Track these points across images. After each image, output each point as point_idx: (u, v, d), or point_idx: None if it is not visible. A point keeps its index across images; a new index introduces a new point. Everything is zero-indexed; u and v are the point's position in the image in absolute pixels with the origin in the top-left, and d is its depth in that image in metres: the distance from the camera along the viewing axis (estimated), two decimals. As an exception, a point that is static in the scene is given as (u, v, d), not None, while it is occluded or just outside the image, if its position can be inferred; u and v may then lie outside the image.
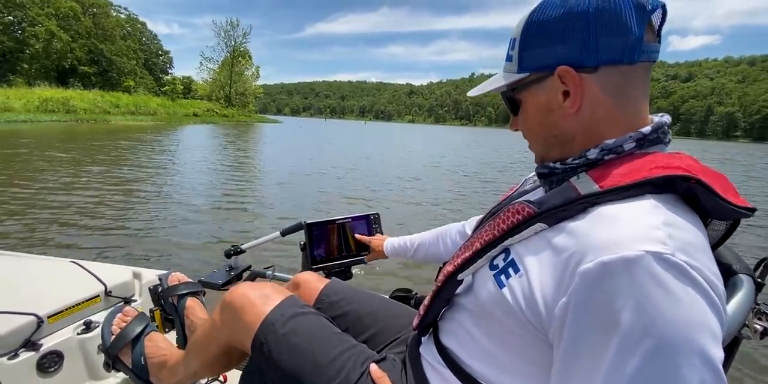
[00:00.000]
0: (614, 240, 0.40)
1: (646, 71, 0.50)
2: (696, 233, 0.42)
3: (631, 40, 0.46)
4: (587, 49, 0.47)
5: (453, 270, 0.58)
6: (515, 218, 0.50)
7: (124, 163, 8.47)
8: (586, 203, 0.45)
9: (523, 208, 0.50)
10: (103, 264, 1.45)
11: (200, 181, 6.91)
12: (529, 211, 0.49)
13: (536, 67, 0.52)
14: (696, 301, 0.37)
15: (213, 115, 40.37)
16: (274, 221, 4.65)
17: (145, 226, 4.14)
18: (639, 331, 0.37)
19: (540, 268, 0.46)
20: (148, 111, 31.48)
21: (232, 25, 49.91)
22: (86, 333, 1.15)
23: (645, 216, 0.42)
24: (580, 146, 0.52)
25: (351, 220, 1.27)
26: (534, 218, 0.49)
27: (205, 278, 1.46)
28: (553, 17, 0.49)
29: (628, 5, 0.46)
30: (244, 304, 0.75)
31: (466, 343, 0.58)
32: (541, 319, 0.45)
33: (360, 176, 8.59)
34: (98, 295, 1.23)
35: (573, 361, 0.41)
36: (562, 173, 0.53)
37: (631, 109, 0.50)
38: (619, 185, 0.44)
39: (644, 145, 0.50)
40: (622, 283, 0.38)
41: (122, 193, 5.57)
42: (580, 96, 0.49)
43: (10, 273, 1.31)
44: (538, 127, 0.56)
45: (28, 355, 1.02)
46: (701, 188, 0.44)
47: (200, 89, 47.68)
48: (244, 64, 50.84)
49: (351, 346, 0.72)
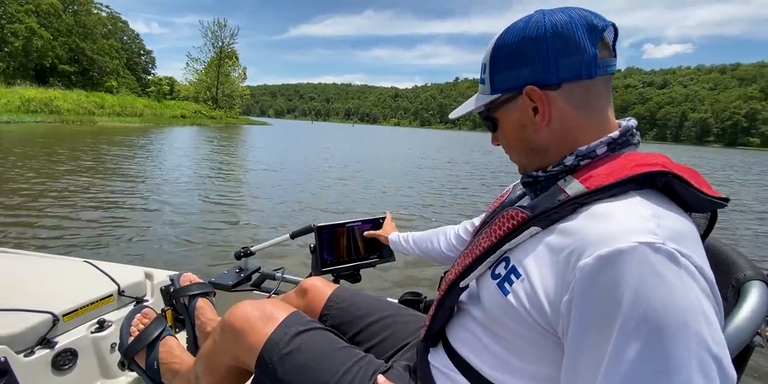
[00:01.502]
0: (608, 234, 0.42)
1: (606, 83, 0.54)
2: (683, 222, 0.45)
3: (587, 58, 0.51)
4: (548, 70, 0.52)
5: (454, 278, 0.60)
6: (510, 224, 0.53)
7: (129, 165, 8.23)
8: (576, 204, 0.48)
9: (516, 214, 0.53)
10: (115, 264, 1.45)
11: (208, 184, 6.84)
12: (522, 216, 0.52)
13: (506, 88, 0.57)
14: (689, 286, 0.39)
15: (201, 116, 39.39)
16: (283, 223, 4.65)
17: (154, 227, 4.12)
18: (636, 318, 0.38)
19: (540, 270, 0.48)
20: (134, 112, 30.49)
21: (220, 25, 49.03)
22: (100, 332, 1.16)
23: (634, 210, 0.44)
24: (556, 155, 0.56)
25: (360, 224, 1.28)
26: (528, 222, 0.51)
27: (216, 279, 1.48)
28: (515, 43, 0.54)
29: (579, 28, 0.51)
30: (244, 328, 0.74)
31: (475, 349, 0.59)
32: (547, 318, 0.47)
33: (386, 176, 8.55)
34: (111, 295, 1.24)
35: (579, 353, 0.43)
36: (545, 180, 0.57)
37: (597, 117, 0.54)
38: (604, 184, 0.47)
39: (615, 148, 0.54)
40: (618, 274, 0.40)
41: (131, 195, 5.53)
42: (547, 111, 0.54)
43: (26, 272, 1.31)
44: (515, 141, 0.60)
45: (43, 352, 1.03)
46: (678, 181, 0.47)
47: (183, 90, 46.54)
48: (231, 65, 50.06)
49: (358, 359, 0.71)
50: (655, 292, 0.38)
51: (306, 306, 0.96)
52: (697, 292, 0.40)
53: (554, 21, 0.52)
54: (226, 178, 7.63)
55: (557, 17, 0.53)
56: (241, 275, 1.52)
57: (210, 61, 48.60)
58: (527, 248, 0.51)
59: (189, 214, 4.77)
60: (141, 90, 41.60)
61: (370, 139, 34.43)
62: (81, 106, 25.79)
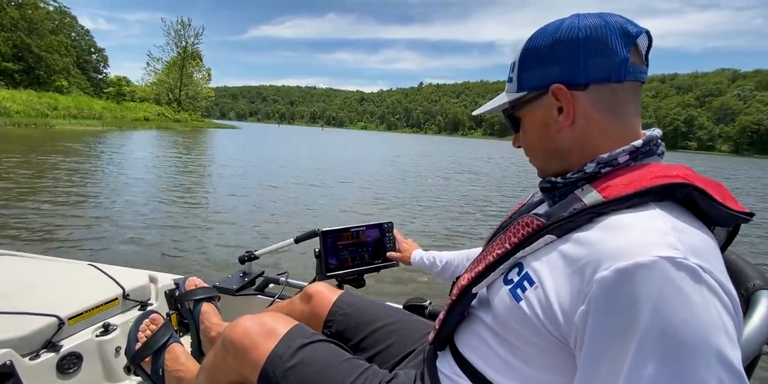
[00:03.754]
0: (627, 247, 0.41)
1: (635, 90, 0.53)
2: (704, 237, 0.44)
3: (617, 61, 0.51)
4: (577, 69, 0.52)
5: (467, 283, 0.59)
6: (525, 231, 0.53)
7: (123, 167, 7.74)
8: (593, 213, 0.47)
9: (532, 221, 0.52)
10: (120, 267, 1.44)
11: (203, 188, 6.78)
12: (537, 223, 0.51)
13: (533, 86, 0.57)
14: (710, 302, 0.38)
15: (165, 119, 37.21)
16: (287, 227, 4.66)
17: (156, 231, 4.10)
18: (656, 334, 0.38)
19: (554, 279, 0.47)
20: (92, 114, 28.17)
21: (183, 24, 46.67)
22: (105, 335, 1.16)
23: (653, 223, 0.43)
24: (577, 159, 0.55)
25: (365, 229, 1.27)
26: (543, 230, 0.50)
27: (220, 283, 1.47)
28: (547, 43, 0.54)
29: (614, 32, 0.51)
30: (245, 345, 0.73)
31: (484, 355, 0.58)
32: (560, 328, 0.46)
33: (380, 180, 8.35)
34: (116, 298, 1.24)
35: (595, 366, 0.42)
36: (564, 187, 0.56)
37: (622, 123, 0.53)
38: (622, 195, 0.46)
39: (638, 157, 0.52)
40: (638, 288, 0.39)
41: (132, 196, 5.52)
42: (572, 111, 0.53)
43: (31, 275, 1.30)
44: (537, 141, 0.59)
45: (48, 355, 1.02)
46: (699, 194, 0.45)
47: (139, 91, 43.75)
48: (195, 66, 47.77)
49: (363, 371, 0.71)
50: (675, 308, 0.37)
51: (311, 312, 0.95)
52: (719, 309, 0.39)
53: (588, 24, 0.52)
54: (227, 183, 7.28)
55: (591, 21, 0.52)
56: (245, 279, 1.51)
57: (172, 61, 46.13)
58: (541, 256, 0.50)
59: (191, 217, 4.76)
60: (93, 90, 38.63)
61: (350, 143, 34.02)
62: (32, 108, 23.44)
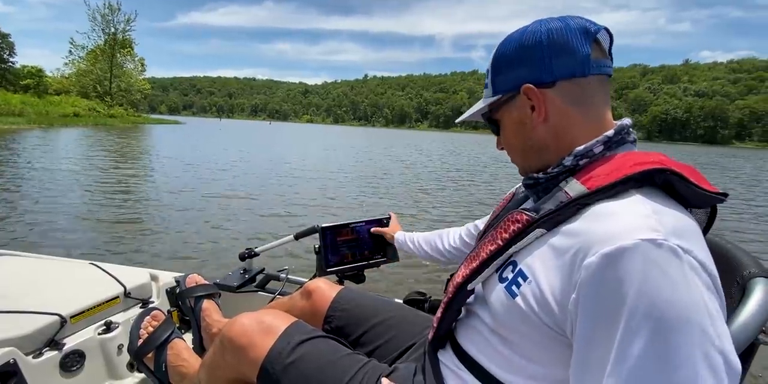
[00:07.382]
0: (612, 233, 0.43)
1: (602, 83, 0.57)
2: (684, 218, 0.46)
3: (580, 58, 0.54)
4: (544, 69, 0.56)
5: (462, 280, 0.62)
6: (515, 226, 0.55)
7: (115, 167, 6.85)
8: (579, 205, 0.49)
9: (521, 217, 0.54)
10: (120, 266, 1.46)
11: (192, 183, 6.75)
12: (527, 218, 0.54)
13: (506, 88, 0.61)
14: (692, 282, 0.40)
15: (98, 115, 33.38)
16: (288, 224, 4.70)
17: (158, 229, 4.13)
18: (640, 314, 0.39)
19: (546, 271, 0.49)
20: (10, 111, 24.49)
21: (112, 9, 42.00)
22: (107, 333, 1.18)
23: (635, 208, 0.45)
24: (555, 154, 0.58)
25: (364, 224, 1.31)
26: (533, 224, 0.53)
27: (220, 281, 1.49)
28: (514, 48, 0.59)
29: (574, 32, 0.55)
30: (243, 343, 0.74)
31: (484, 349, 0.61)
32: (556, 318, 0.48)
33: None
34: (118, 296, 1.26)
35: (587, 350, 0.44)
36: (546, 182, 0.59)
37: (592, 114, 0.57)
38: (605, 184, 0.49)
39: (611, 146, 0.56)
40: (622, 271, 0.41)
41: (132, 195, 5.52)
42: (544, 107, 0.57)
43: (32, 274, 1.33)
44: (515, 139, 0.63)
45: (51, 354, 1.05)
46: (676, 178, 0.48)
47: (55, 83, 38.86)
48: (125, 54, 43.30)
49: (362, 365, 0.72)
50: (657, 287, 0.39)
51: (311, 308, 0.96)
52: (700, 287, 0.41)
53: (550, 27, 0.56)
54: (228, 183, 7.10)
55: (553, 24, 0.56)
56: (246, 276, 1.51)
57: (99, 50, 41.37)
58: (533, 250, 0.52)
59: (193, 216, 4.77)
60: (1, 83, 33.52)
61: (319, 138, 32.99)
62: (-67, 104, 19.92)
